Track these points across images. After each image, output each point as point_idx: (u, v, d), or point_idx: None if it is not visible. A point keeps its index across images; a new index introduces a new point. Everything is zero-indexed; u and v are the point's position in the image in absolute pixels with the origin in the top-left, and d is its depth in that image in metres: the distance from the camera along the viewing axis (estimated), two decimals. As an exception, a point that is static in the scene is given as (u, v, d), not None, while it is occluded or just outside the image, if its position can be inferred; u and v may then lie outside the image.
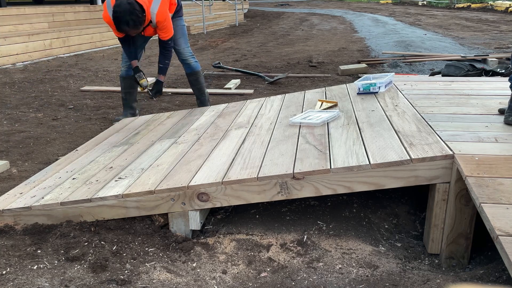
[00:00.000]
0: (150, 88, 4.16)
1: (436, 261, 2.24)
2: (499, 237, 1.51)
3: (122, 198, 2.37)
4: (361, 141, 2.52)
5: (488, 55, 7.59)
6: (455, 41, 10.52)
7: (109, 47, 10.15)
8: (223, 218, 2.61)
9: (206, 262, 2.18)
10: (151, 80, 6.23)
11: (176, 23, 4.28)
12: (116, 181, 2.56)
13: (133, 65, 4.13)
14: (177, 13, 4.33)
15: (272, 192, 2.29)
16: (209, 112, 3.86)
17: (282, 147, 2.64)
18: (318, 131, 2.84)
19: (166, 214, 2.41)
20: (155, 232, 2.38)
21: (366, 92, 3.59)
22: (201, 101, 4.68)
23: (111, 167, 2.82)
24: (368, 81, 3.66)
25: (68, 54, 8.97)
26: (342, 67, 6.88)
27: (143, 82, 4.11)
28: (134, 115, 4.42)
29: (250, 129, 3.15)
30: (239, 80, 6.40)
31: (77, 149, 3.46)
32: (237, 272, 2.11)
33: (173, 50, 4.27)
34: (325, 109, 3.33)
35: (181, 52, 4.43)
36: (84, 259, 2.10)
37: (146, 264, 2.12)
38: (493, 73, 5.38)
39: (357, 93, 3.62)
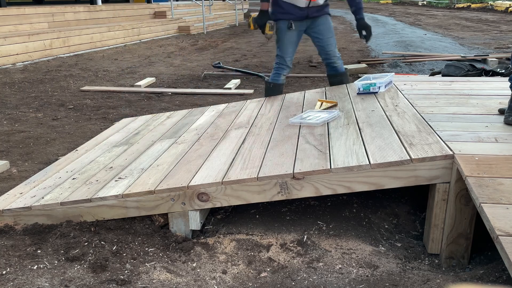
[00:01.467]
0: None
1: (436, 261, 2.24)
2: (499, 237, 1.51)
3: (122, 198, 2.37)
4: (361, 141, 2.52)
5: (488, 55, 7.59)
6: (455, 41, 10.52)
7: (109, 47, 10.15)
8: (223, 218, 2.61)
9: (206, 262, 2.18)
10: (150, 80, 6.23)
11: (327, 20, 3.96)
12: (116, 181, 2.56)
13: (265, 8, 3.80)
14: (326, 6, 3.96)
15: (272, 192, 2.29)
16: (209, 112, 3.86)
17: (282, 147, 2.64)
18: (318, 131, 2.84)
19: (166, 214, 2.41)
20: (155, 232, 2.38)
21: (366, 92, 3.59)
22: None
23: (111, 167, 2.82)
24: (368, 81, 3.66)
25: (68, 54, 8.97)
26: (342, 67, 6.87)
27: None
28: None
29: (250, 129, 3.15)
30: (239, 80, 6.40)
31: (77, 149, 3.46)
32: (237, 272, 2.11)
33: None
34: (325, 109, 3.33)
35: (334, 50, 4.05)
36: (84, 259, 2.10)
37: (146, 264, 2.12)
38: (493, 73, 5.38)
39: (357, 93, 3.62)
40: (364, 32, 3.90)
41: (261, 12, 3.86)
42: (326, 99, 3.63)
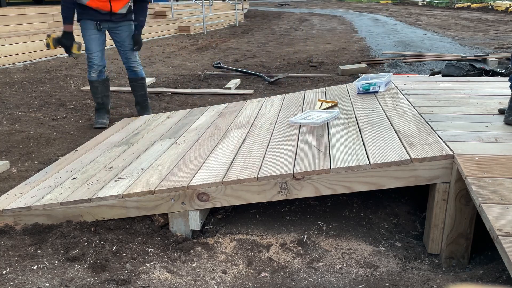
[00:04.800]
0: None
1: (436, 261, 2.24)
2: (499, 237, 1.51)
3: (122, 198, 2.37)
4: (361, 141, 2.52)
5: (488, 55, 7.59)
6: (455, 41, 10.52)
7: (109, 47, 10.13)
8: (223, 218, 2.61)
9: (206, 262, 2.18)
10: (150, 80, 6.23)
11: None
12: (116, 181, 2.56)
13: (70, 30, 4.13)
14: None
15: (272, 192, 2.29)
16: (209, 112, 3.86)
17: (282, 147, 2.64)
18: (318, 131, 2.84)
19: (166, 214, 2.41)
20: (155, 232, 2.38)
21: (366, 92, 3.59)
22: (142, 107, 4.56)
23: (111, 167, 2.82)
24: (368, 81, 3.66)
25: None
26: (342, 67, 6.88)
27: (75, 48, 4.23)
28: (109, 118, 4.42)
29: (250, 129, 3.15)
30: (239, 80, 6.40)
31: (77, 149, 3.47)
32: (237, 272, 2.11)
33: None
34: (325, 109, 3.33)
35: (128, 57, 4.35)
36: (84, 259, 2.10)
37: (146, 264, 2.12)
38: (493, 73, 5.38)
39: (357, 93, 3.62)
40: (136, 46, 4.25)
41: (66, 33, 4.16)
42: (326, 99, 3.63)
